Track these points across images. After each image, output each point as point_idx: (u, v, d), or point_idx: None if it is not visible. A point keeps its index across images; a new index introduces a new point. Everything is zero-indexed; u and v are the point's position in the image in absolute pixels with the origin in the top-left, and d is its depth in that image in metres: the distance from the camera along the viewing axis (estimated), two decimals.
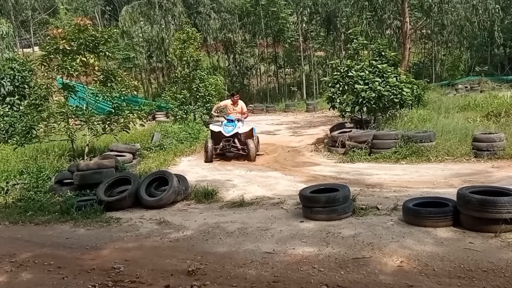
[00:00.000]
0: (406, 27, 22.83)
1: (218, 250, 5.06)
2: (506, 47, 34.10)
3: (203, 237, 5.57)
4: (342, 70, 13.41)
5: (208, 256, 4.88)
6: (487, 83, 27.31)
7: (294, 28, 36.51)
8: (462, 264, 4.17)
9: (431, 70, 34.51)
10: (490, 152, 9.42)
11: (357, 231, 5.28)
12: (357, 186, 7.80)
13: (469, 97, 17.01)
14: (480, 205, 4.83)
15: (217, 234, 5.63)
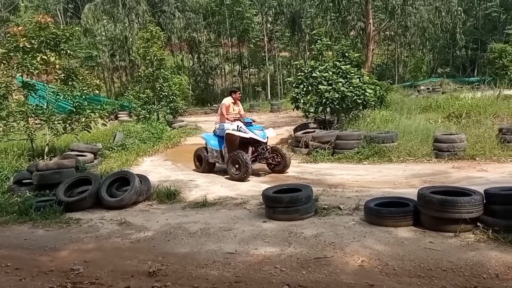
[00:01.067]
0: (369, 29, 23.23)
1: (180, 251, 4.96)
2: (467, 49, 35.24)
3: (165, 238, 5.46)
4: (306, 71, 13.48)
5: (170, 257, 4.78)
6: (449, 85, 28.04)
7: (259, 28, 36.56)
8: (422, 263, 4.19)
9: (394, 71, 35.27)
10: (450, 153, 9.63)
11: (319, 231, 5.27)
12: (320, 186, 7.83)
13: (431, 99, 17.38)
14: (440, 205, 4.88)
15: (179, 235, 5.53)
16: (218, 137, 9.88)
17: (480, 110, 12.42)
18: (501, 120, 11.68)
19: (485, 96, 14.86)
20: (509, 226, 4.53)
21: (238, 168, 8.88)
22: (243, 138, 9.22)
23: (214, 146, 9.81)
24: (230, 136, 9.24)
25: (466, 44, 34.26)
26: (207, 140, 10.06)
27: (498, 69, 21.14)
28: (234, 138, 9.25)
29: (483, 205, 4.85)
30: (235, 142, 9.27)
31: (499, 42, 26.29)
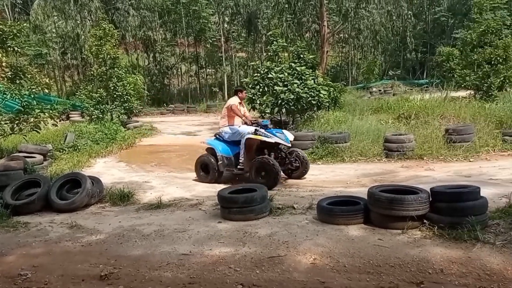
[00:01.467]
0: (324, 31, 23.68)
1: (133, 253, 4.88)
2: (417, 52, 36.61)
3: (118, 241, 5.35)
4: (262, 72, 13.58)
5: (122, 260, 4.69)
6: (399, 87, 29.10)
7: (216, 28, 36.49)
8: (371, 260, 4.31)
9: (348, 73, 36.14)
10: (400, 153, 9.99)
11: (274, 230, 5.32)
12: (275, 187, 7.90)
13: (382, 100, 17.93)
14: (389, 203, 5.04)
15: (132, 237, 5.43)
16: (226, 142, 8.83)
17: (428, 112, 12.93)
18: (447, 121, 12.20)
19: (433, 98, 15.50)
20: (453, 223, 4.74)
21: (265, 175, 7.96)
22: (263, 143, 8.33)
23: (224, 153, 8.68)
24: (249, 141, 8.36)
25: (416, 47, 35.63)
26: (215, 147, 8.77)
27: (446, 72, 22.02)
28: (252, 143, 8.41)
29: (429, 203, 5.04)
30: (252, 147, 8.49)
31: (447, 45, 27.50)
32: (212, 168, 8.72)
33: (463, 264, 4.08)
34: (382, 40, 34.51)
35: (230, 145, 8.79)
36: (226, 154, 8.70)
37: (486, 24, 17.29)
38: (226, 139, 8.84)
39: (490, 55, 16.57)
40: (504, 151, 10.23)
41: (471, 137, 10.36)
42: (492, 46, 16.76)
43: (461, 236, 4.57)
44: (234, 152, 8.71)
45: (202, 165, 8.97)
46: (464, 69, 17.78)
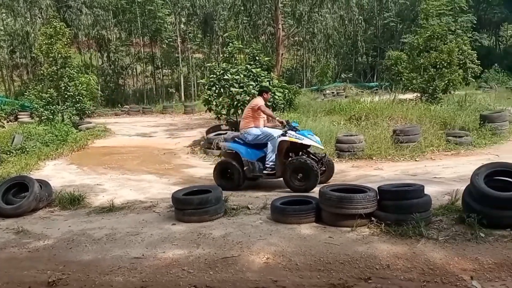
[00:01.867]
0: (279, 34, 23.98)
1: (83, 258, 4.78)
2: (368, 56, 37.77)
3: (67, 246, 5.22)
4: (218, 73, 13.61)
5: (72, 265, 4.59)
6: (351, 89, 29.89)
7: (172, 28, 36.11)
8: (322, 257, 4.43)
9: (303, 75, 36.73)
10: (351, 153, 10.27)
11: (228, 231, 5.35)
12: None
13: (335, 102, 18.32)
14: (339, 202, 5.20)
15: (83, 242, 5.31)
16: (248, 145, 8.19)
17: (377, 113, 13.36)
18: (395, 122, 12.65)
19: (382, 100, 16.04)
20: (399, 220, 4.94)
21: (303, 177, 7.53)
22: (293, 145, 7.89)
23: (249, 157, 8.04)
24: (282, 143, 7.85)
25: (367, 51, 36.75)
26: (239, 151, 8.10)
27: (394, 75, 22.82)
28: (283, 146, 7.88)
29: (376, 201, 5.24)
30: (282, 150, 7.91)
31: (395, 50, 28.53)
32: (237, 173, 8.01)
33: (408, 260, 4.25)
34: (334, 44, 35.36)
35: (251, 148, 8.15)
36: (250, 158, 8.03)
37: (432, 30, 18.07)
38: (249, 141, 8.16)
39: (435, 60, 17.30)
40: (448, 151, 10.70)
41: (417, 137, 10.79)
42: (437, 50, 17.50)
43: (406, 233, 4.77)
44: (256, 156, 8.07)
45: (223, 171, 8.22)
46: (411, 72, 18.46)
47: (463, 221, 4.92)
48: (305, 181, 7.48)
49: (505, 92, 23.27)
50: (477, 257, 4.21)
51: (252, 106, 8.23)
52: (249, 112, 8.26)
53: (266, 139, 7.99)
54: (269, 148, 7.95)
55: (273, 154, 7.90)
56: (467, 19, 30.22)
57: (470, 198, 4.99)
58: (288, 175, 7.60)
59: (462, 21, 28.57)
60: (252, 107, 8.22)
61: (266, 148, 8.03)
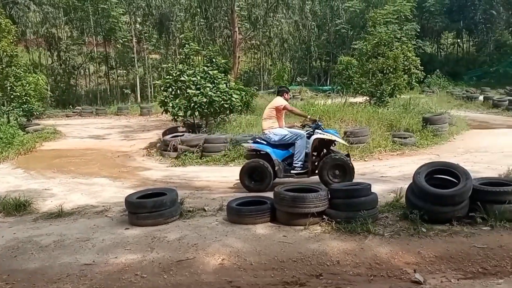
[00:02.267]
0: (235, 37, 24.09)
1: (29, 267, 4.61)
2: (322, 60, 38.63)
3: (11, 254, 5.00)
4: (175, 74, 13.53)
5: (16, 274, 4.42)
6: (306, 92, 30.41)
7: (127, 28, 35.42)
8: (276, 256, 4.54)
9: (260, 78, 37.01)
10: None
11: (183, 233, 5.35)
12: (187, 190, 7.96)
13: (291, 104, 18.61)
14: (292, 201, 5.36)
15: (29, 249, 5.09)
16: (273, 145, 8.02)
17: (330, 115, 13.75)
18: (346, 124, 13.07)
19: (335, 103, 16.48)
20: (348, 217, 5.16)
21: (340, 173, 7.58)
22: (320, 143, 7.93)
23: (279, 157, 7.93)
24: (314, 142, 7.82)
25: (320, 56, 37.57)
26: (269, 151, 7.92)
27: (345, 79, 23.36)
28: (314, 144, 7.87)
29: (328, 199, 5.45)
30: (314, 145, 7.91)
31: (346, 55, 29.28)
32: (268, 175, 7.74)
33: (356, 255, 4.46)
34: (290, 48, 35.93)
35: (277, 148, 8.03)
36: (279, 158, 7.96)
37: (379, 37, 18.70)
38: (274, 141, 8.00)
39: (382, 65, 17.89)
40: (394, 151, 11.20)
41: (366, 139, 11.26)
42: (384, 57, 18.08)
43: (355, 229, 4.99)
44: (283, 156, 8.01)
45: (252, 172, 7.90)
46: (361, 77, 19.00)
47: (407, 217, 5.21)
48: (342, 177, 7.50)
49: (446, 96, 24.54)
50: (420, 251, 4.47)
51: (276, 106, 8.12)
52: (272, 113, 8.13)
53: (294, 139, 7.92)
54: (297, 147, 7.88)
55: (302, 153, 7.84)
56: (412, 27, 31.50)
57: (412, 195, 5.29)
58: (325, 172, 7.57)
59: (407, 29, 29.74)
60: (276, 107, 8.12)
61: (291, 148, 7.98)
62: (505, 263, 4.17)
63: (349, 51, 32.18)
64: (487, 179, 5.78)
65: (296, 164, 7.88)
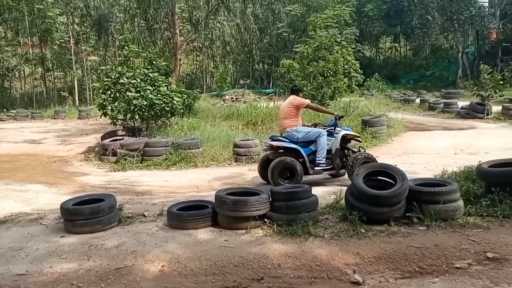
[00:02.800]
0: (176, 39, 23.81)
1: None
2: (264, 63, 39.01)
3: None
4: (114, 77, 13.16)
5: None
6: (249, 95, 30.62)
7: (65, 29, 34.02)
8: (217, 261, 4.50)
9: (203, 81, 36.81)
10: (247, 157, 10.57)
11: (122, 240, 5.20)
12: (127, 195, 7.78)
13: (233, 107, 18.72)
14: (234, 205, 5.34)
15: None
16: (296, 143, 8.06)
17: (272, 118, 13.93)
18: None
19: (277, 106, 16.70)
20: (289, 220, 5.21)
21: None
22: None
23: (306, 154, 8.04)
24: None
25: (263, 59, 37.99)
26: (299, 148, 7.99)
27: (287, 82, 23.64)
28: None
29: (269, 202, 5.48)
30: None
31: (288, 58, 29.75)
32: (300, 172, 7.78)
33: (297, 258, 4.49)
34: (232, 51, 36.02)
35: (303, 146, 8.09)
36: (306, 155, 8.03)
37: (320, 41, 19.15)
38: (297, 139, 8.04)
39: (323, 68, 18.29)
40: None
41: None
42: (325, 60, 18.53)
43: (296, 232, 5.04)
44: (307, 153, 8.06)
45: (284, 170, 7.87)
46: (302, 80, 19.33)
47: (346, 219, 5.34)
48: None
49: (384, 99, 25.53)
50: (359, 252, 4.57)
51: (296, 104, 8.14)
52: (292, 111, 8.13)
53: (316, 136, 7.98)
54: (320, 144, 7.94)
55: (324, 149, 7.96)
56: (351, 31, 32.57)
57: (351, 197, 5.42)
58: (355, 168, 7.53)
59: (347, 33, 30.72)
60: (296, 105, 8.14)
61: (312, 145, 8.04)
62: (441, 262, 4.31)
63: (291, 55, 32.66)
64: (422, 180, 6.01)
65: (320, 160, 7.94)
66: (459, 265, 4.23)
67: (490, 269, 4.13)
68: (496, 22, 32.57)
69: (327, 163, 8.03)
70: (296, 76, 20.80)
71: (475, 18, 31.52)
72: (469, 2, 31.59)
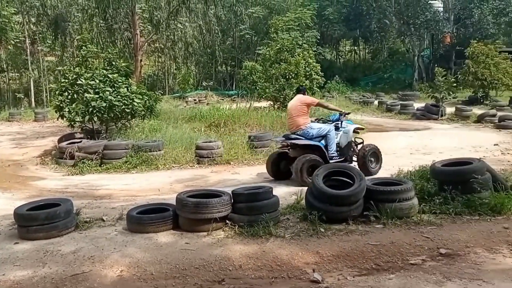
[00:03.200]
0: (137, 39, 23.44)
1: None
2: (227, 65, 38.95)
3: None
4: (71, 78, 12.80)
5: None
6: (212, 97, 30.51)
7: (20, 28, 32.83)
8: (177, 264, 4.46)
9: (165, 82, 36.35)
10: (210, 158, 10.51)
11: (79, 246, 5.07)
12: (85, 199, 7.60)
13: (196, 109, 18.60)
14: (195, 207, 5.31)
15: None
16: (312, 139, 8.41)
17: (235, 120, 13.97)
18: (251, 129, 13.37)
19: (240, 108, 16.76)
20: (251, 221, 5.24)
21: (375, 161, 8.78)
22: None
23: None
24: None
25: (226, 61, 37.91)
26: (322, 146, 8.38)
27: (250, 84, 23.73)
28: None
29: (231, 204, 5.48)
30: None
31: (251, 60, 29.82)
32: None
33: (258, 258, 4.52)
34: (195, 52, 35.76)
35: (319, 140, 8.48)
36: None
37: (282, 43, 19.33)
38: (313, 135, 8.41)
39: (285, 70, 18.48)
40: None
41: (270, 142, 11.52)
42: (287, 62, 18.71)
43: (257, 233, 5.07)
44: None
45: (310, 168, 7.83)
46: (265, 82, 19.44)
47: (307, 218, 5.42)
48: (376, 165, 8.72)
49: (344, 101, 26.00)
50: (318, 251, 4.65)
51: (308, 103, 8.66)
52: (304, 109, 8.54)
53: (326, 132, 8.49)
54: (331, 138, 8.45)
55: (334, 144, 8.49)
56: (312, 34, 32.96)
57: (312, 196, 5.51)
58: (367, 159, 8.54)
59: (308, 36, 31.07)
60: (308, 103, 8.64)
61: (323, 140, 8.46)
62: (396, 259, 4.45)
63: (253, 57, 32.76)
64: (379, 179, 6.23)
65: (333, 154, 8.42)
66: (413, 261, 4.38)
67: (443, 265, 4.29)
68: (450, 27, 33.73)
69: (339, 156, 8.56)
70: (259, 78, 20.86)
71: (430, 22, 32.57)
72: (424, 7, 32.60)
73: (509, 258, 4.43)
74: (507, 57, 23.29)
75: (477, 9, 30.83)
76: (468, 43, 25.16)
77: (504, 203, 5.73)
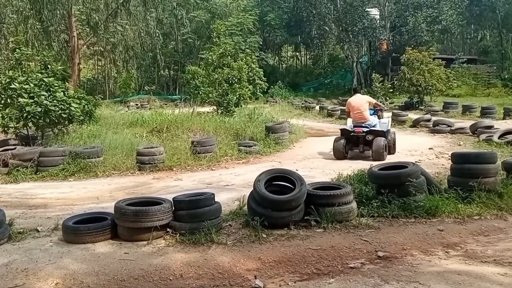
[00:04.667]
0: (74, 42, 22.65)
1: None
2: (170, 69, 38.46)
3: None
4: (4, 82, 12.15)
5: None
6: (155, 101, 30.00)
7: None
8: (116, 275, 4.34)
9: (105, 86, 35.30)
10: (151, 165, 10.29)
11: (12, 258, 4.82)
12: (19, 209, 7.25)
13: (138, 114, 18.20)
14: (135, 216, 5.18)
15: None
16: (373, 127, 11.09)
17: (178, 125, 13.76)
18: (194, 134, 13.21)
19: (183, 113, 16.59)
20: (192, 228, 5.19)
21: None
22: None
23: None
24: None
25: (169, 65, 37.48)
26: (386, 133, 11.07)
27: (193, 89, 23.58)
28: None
29: (172, 211, 5.40)
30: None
31: (194, 64, 29.61)
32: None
33: (199, 267, 4.49)
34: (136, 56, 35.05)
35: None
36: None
37: (224, 48, 19.36)
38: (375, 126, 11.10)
39: (228, 75, 18.51)
40: (240, 159, 11.66)
41: (213, 148, 11.50)
42: (230, 67, 18.76)
43: (199, 240, 5.04)
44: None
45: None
46: (208, 87, 19.35)
47: (249, 224, 5.44)
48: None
49: (287, 106, 26.50)
50: (260, 257, 4.69)
51: (370, 101, 11.59)
52: (368, 105, 11.33)
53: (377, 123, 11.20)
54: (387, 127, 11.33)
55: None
56: (255, 39, 33.40)
57: (253, 202, 5.55)
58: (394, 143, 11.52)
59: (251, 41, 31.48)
60: (369, 101, 11.54)
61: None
62: (336, 263, 4.57)
63: (196, 61, 32.58)
64: (320, 184, 6.31)
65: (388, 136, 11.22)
66: (353, 265, 4.52)
67: (381, 268, 4.46)
68: (387, 34, 35.21)
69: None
70: (202, 83, 20.74)
71: (368, 29, 33.85)
72: (362, 15, 33.84)
73: (444, 260, 4.65)
74: (440, 63, 24.49)
75: (412, 17, 32.26)
76: (403, 50, 26.23)
77: (438, 205, 5.98)
